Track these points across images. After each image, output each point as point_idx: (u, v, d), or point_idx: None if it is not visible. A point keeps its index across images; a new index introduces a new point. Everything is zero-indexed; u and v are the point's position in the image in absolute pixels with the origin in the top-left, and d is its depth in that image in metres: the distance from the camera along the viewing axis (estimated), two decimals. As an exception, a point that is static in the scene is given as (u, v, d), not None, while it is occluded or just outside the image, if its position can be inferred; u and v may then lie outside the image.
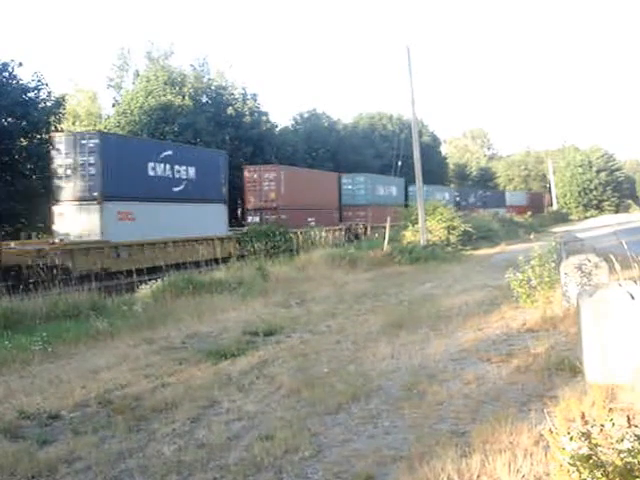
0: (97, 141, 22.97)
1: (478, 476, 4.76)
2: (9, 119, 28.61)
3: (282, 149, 46.89)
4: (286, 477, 5.18)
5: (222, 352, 9.74)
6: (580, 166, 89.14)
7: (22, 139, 29.15)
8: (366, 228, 42.49)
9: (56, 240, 21.97)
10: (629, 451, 3.53)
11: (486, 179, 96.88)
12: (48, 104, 30.92)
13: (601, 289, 7.13)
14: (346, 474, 5.15)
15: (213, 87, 46.08)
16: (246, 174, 35.62)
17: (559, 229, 48.44)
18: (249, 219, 34.91)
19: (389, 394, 7.25)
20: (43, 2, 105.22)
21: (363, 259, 24.40)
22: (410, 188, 52.98)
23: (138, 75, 48.09)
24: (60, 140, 23.68)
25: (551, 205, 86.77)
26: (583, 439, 3.57)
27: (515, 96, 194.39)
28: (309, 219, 36.81)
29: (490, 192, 79.61)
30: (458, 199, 62.95)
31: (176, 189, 26.79)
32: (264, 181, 35.33)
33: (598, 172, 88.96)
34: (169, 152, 26.80)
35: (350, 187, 45.41)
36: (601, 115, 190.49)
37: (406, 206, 48.43)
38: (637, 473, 3.45)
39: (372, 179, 46.97)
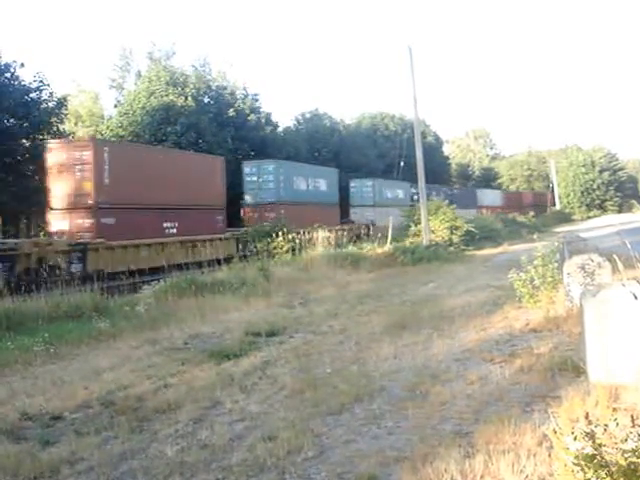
0: None
1: (481, 477, 4.75)
2: (11, 120, 28.74)
3: (284, 149, 46.87)
4: (289, 478, 5.17)
5: (225, 353, 9.74)
6: (583, 166, 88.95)
7: (24, 140, 29.24)
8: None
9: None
10: (633, 451, 3.53)
11: (488, 179, 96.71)
12: (50, 105, 31.04)
13: (604, 289, 7.11)
14: (349, 475, 5.13)
15: (214, 87, 46.08)
16: (48, 156, 23.19)
17: (562, 229, 48.41)
18: (53, 225, 23.07)
19: (392, 394, 7.24)
20: (45, 3, 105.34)
21: (366, 259, 24.40)
22: (353, 183, 47.15)
23: (140, 75, 48.11)
24: None
25: (553, 205, 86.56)
26: (587, 439, 3.56)
27: (517, 96, 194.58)
28: (166, 225, 25.41)
29: (458, 190, 69.25)
30: (416, 197, 54.70)
31: None
32: (75, 164, 22.63)
33: (601, 172, 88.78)
34: None
35: (255, 179, 34.37)
36: (603, 114, 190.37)
37: (342, 206, 44.61)
38: (641, 473, 3.44)
39: (288, 168, 36.53)
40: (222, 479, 5.24)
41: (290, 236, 26.16)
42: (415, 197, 50.51)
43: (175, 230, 26.06)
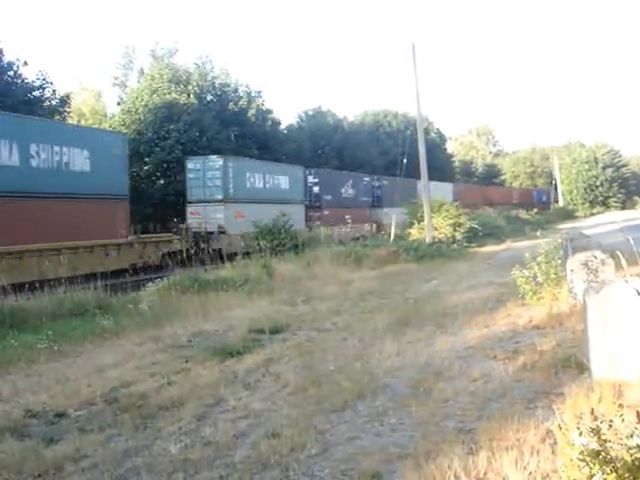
0: None
1: (485, 473, 4.74)
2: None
3: (287, 146, 46.81)
4: (292, 475, 5.17)
5: (228, 350, 9.74)
6: (586, 162, 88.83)
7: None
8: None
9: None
10: (638, 447, 3.53)
11: (492, 176, 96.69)
12: (53, 103, 31.03)
13: (607, 286, 7.11)
14: (352, 472, 5.14)
15: (217, 85, 46.05)
16: None
17: (565, 226, 48.34)
18: None
19: (395, 391, 7.24)
20: (47, 1, 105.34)
21: (369, 257, 24.37)
22: (191, 164, 29.87)
23: (143, 73, 48.13)
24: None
25: (556, 201, 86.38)
26: (592, 435, 3.57)
27: (520, 92, 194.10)
28: None
29: (388, 182, 46.10)
30: (317, 190, 38.34)
31: None
32: None
33: (604, 168, 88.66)
34: None
35: None
36: (607, 111, 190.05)
37: (174, 204, 33.55)
38: (646, 469, 3.44)
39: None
40: (226, 476, 5.24)
41: (293, 234, 26.19)
42: (316, 189, 38.09)
43: None
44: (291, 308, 14.05)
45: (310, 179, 37.93)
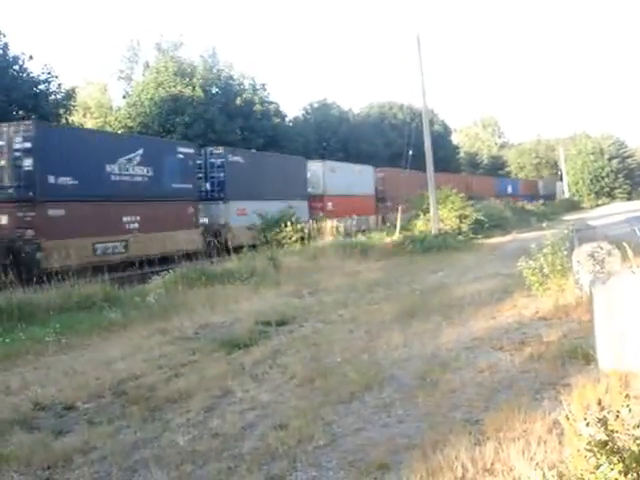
0: None
1: (492, 464, 4.75)
2: (20, 112, 28.78)
3: (293, 139, 46.74)
4: (300, 466, 5.19)
5: (235, 342, 9.77)
6: (592, 154, 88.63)
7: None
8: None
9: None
10: (645, 437, 3.53)
11: (497, 167, 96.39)
12: (58, 96, 31.04)
13: (614, 277, 7.11)
14: (360, 462, 5.15)
15: (222, 77, 45.97)
16: None
17: (571, 217, 48.22)
18: None
19: (402, 383, 7.25)
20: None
21: (374, 248, 24.36)
22: None
23: (148, 66, 48.06)
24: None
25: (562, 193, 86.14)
26: (599, 425, 3.57)
27: (526, 83, 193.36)
28: None
29: (244, 157, 29.87)
30: (30, 165, 18.29)
31: None
32: None
33: (610, 159, 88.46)
34: None
35: None
36: (612, 102, 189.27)
37: None
38: (653, 460, 3.45)
39: None
40: (234, 467, 5.26)
41: (299, 226, 26.11)
42: (27, 164, 18.18)
43: None
44: (297, 300, 14.07)
45: (17, 143, 18.64)
